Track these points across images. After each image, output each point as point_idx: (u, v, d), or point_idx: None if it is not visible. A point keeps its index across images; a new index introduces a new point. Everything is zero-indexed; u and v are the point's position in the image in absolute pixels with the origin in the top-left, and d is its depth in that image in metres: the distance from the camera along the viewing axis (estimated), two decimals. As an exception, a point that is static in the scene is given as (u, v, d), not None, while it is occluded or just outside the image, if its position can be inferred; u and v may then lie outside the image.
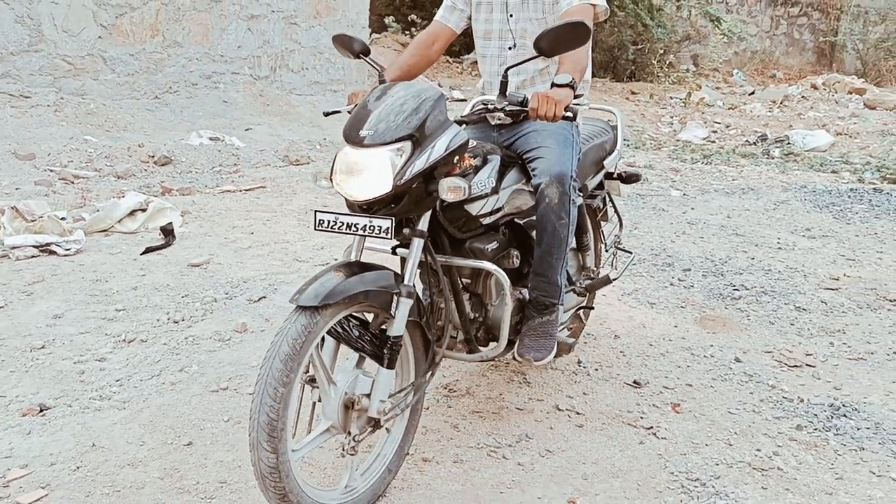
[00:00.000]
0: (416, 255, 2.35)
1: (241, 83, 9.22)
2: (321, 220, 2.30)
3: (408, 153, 2.23)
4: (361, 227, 2.24)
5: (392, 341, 2.30)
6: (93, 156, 6.75)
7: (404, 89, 2.36)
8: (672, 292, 4.50)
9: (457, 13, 3.05)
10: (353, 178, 2.25)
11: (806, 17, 18.34)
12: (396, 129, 2.23)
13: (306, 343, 2.11)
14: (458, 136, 2.37)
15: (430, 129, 2.28)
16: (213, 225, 5.28)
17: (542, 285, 2.80)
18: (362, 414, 2.31)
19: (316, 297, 2.12)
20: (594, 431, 3.00)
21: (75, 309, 3.82)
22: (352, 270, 2.25)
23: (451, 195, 2.30)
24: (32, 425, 2.77)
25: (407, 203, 2.28)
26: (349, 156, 2.26)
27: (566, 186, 2.71)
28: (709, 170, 8.17)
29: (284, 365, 2.07)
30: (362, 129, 2.25)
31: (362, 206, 2.30)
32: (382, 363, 2.31)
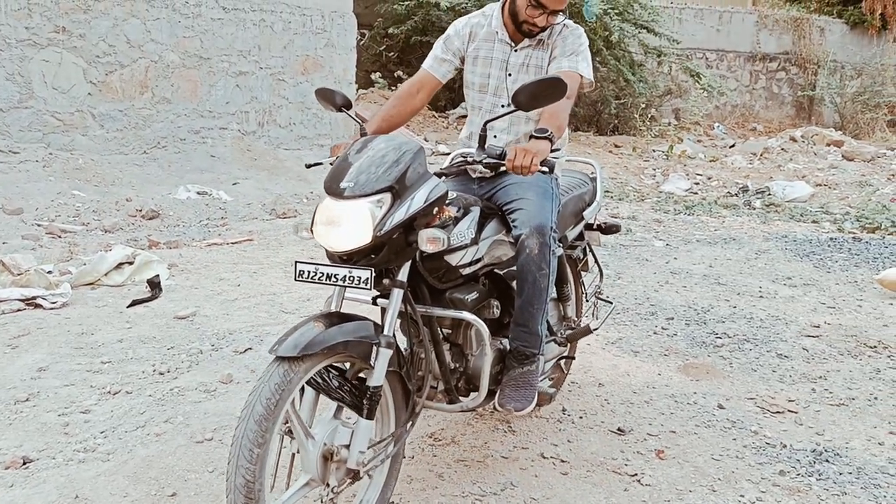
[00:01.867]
0: (395, 306, 2.38)
1: (228, 138, 9.34)
2: (301, 270, 2.32)
3: (388, 204, 2.27)
4: (341, 277, 2.27)
5: (371, 391, 2.30)
6: (80, 210, 6.80)
7: (385, 142, 2.41)
8: (655, 341, 4.54)
9: (446, 64, 3.11)
10: (334, 229, 2.28)
11: (784, 72, 18.75)
12: (376, 180, 2.27)
13: (282, 399, 2.09)
14: (438, 188, 2.42)
15: (409, 180, 2.32)
16: (200, 277, 5.31)
17: (522, 335, 2.82)
18: (341, 465, 2.30)
19: (295, 347, 2.13)
20: (579, 479, 3.01)
21: (60, 362, 3.82)
22: (331, 321, 2.27)
23: (430, 246, 2.34)
24: (15, 478, 2.76)
25: (387, 254, 2.31)
26: (329, 207, 2.30)
27: (546, 237, 2.76)
28: (691, 220, 8.28)
29: (259, 426, 2.05)
30: (343, 180, 2.29)
31: (342, 257, 2.33)
32: (362, 413, 2.31)
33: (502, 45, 3.06)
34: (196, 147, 9.05)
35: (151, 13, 8.71)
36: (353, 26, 10.68)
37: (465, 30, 3.12)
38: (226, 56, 9.38)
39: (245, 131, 9.60)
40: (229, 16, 9.38)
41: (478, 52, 3.09)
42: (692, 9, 17.05)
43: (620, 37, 13.28)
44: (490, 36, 3.08)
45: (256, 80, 9.70)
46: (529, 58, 3.05)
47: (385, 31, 14.14)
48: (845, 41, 18.97)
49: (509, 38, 3.05)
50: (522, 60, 3.05)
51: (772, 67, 18.62)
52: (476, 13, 3.17)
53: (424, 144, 9.65)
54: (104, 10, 8.38)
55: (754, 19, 18.20)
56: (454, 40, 3.11)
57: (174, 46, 8.94)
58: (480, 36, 3.09)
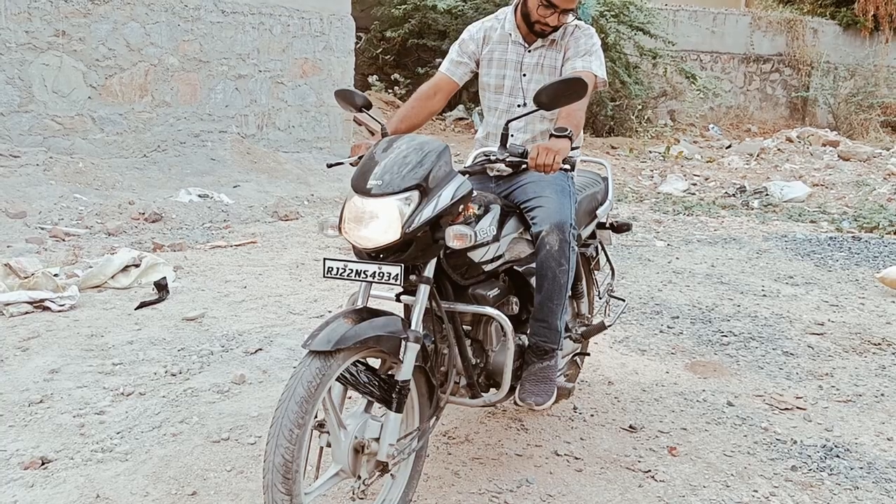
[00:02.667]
0: (422, 301, 2.41)
1: (228, 141, 9.34)
2: (330, 267, 2.37)
3: (416, 202, 2.30)
4: (371, 273, 2.31)
5: (400, 385, 2.34)
6: (83, 213, 6.80)
7: (409, 142, 2.45)
8: (662, 339, 4.57)
9: (462, 67, 3.16)
10: (363, 226, 2.32)
11: (778, 73, 18.85)
12: (404, 179, 2.31)
13: (321, 386, 2.16)
14: (463, 186, 2.46)
15: (436, 179, 2.36)
16: (206, 280, 5.32)
17: (542, 331, 2.86)
18: (371, 458, 2.34)
19: (328, 342, 2.17)
20: (593, 475, 3.03)
21: (72, 364, 3.82)
22: (360, 316, 2.31)
23: (457, 242, 2.38)
24: (35, 478, 2.77)
25: (414, 250, 2.36)
26: (358, 205, 2.34)
27: (566, 234, 2.80)
28: (691, 221, 8.33)
29: (300, 407, 2.11)
30: (370, 179, 2.33)
31: (371, 254, 2.37)
32: (391, 407, 2.34)
33: (516, 46, 3.11)
34: (196, 150, 9.06)
35: (151, 17, 8.71)
36: (351, 29, 10.70)
37: (480, 34, 3.17)
38: (225, 59, 9.38)
39: (245, 134, 9.61)
40: (228, 19, 9.38)
41: (492, 55, 3.13)
42: (686, 10, 17.14)
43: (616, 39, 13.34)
44: (504, 38, 3.13)
45: (255, 83, 9.70)
46: (543, 58, 3.09)
47: (381, 34, 14.18)
48: (838, 42, 19.09)
49: (523, 40, 3.10)
50: (536, 61, 3.09)
51: (766, 69, 18.72)
52: (490, 17, 3.22)
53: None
54: (104, 13, 8.38)
55: (748, 21, 18.30)
56: (469, 44, 3.16)
57: (174, 50, 8.94)
58: (494, 39, 3.14)
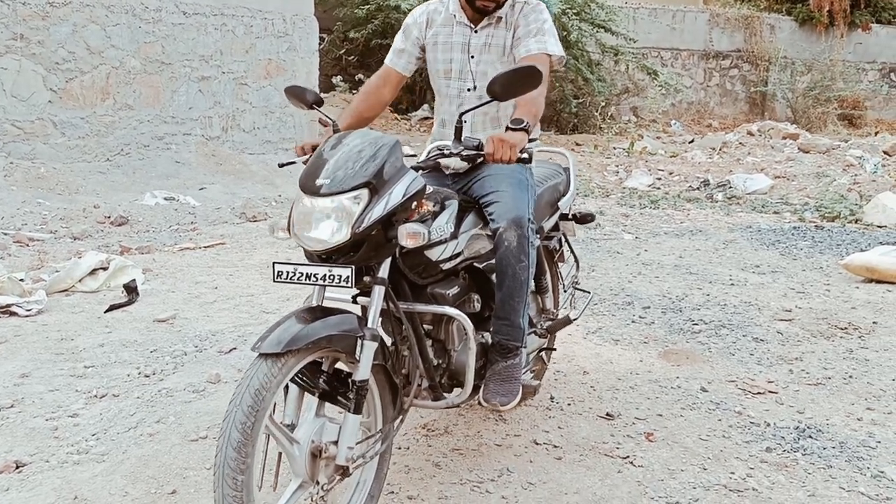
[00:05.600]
0: (377, 303, 2.32)
1: (192, 143, 9.25)
2: (280, 271, 2.26)
3: (365, 200, 2.21)
4: (321, 276, 2.21)
5: (358, 385, 2.23)
6: (47, 218, 6.69)
7: (360, 137, 2.36)
8: (634, 329, 4.62)
9: (405, 56, 3.08)
10: (311, 227, 2.22)
11: (737, 69, 19.14)
12: (353, 176, 2.21)
13: (269, 394, 2.04)
14: (416, 182, 2.37)
15: (387, 175, 2.26)
16: (176, 281, 5.26)
17: (504, 329, 2.80)
18: (330, 462, 2.24)
19: (279, 343, 2.06)
20: (573, 463, 3.05)
21: (42, 367, 3.76)
22: (314, 315, 2.20)
23: (410, 241, 2.28)
24: (10, 482, 2.72)
25: (366, 251, 2.25)
26: (306, 205, 2.23)
27: (524, 229, 2.73)
28: (657, 214, 8.42)
29: (247, 417, 1.99)
30: (319, 177, 2.22)
31: (321, 256, 2.27)
32: (349, 409, 2.24)
33: (461, 27, 3.01)
34: (160, 153, 8.96)
35: (111, 19, 8.60)
36: (314, 29, 10.66)
37: (423, 17, 3.08)
38: (188, 61, 9.29)
39: (209, 136, 9.52)
40: (190, 20, 9.30)
41: (437, 38, 3.04)
42: (646, 8, 17.31)
43: (578, 36, 13.45)
44: (448, 20, 3.03)
45: (219, 84, 9.63)
46: (491, 37, 2.99)
47: (345, 34, 14.12)
48: (795, 38, 19.43)
49: (468, 21, 3.00)
50: (484, 41, 2.99)
51: (725, 65, 19.00)
52: (433, 0, 3.12)
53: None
54: (63, 16, 8.25)
55: (706, 18, 18.56)
56: (412, 29, 3.07)
57: (135, 52, 8.83)
58: (438, 22, 3.04)
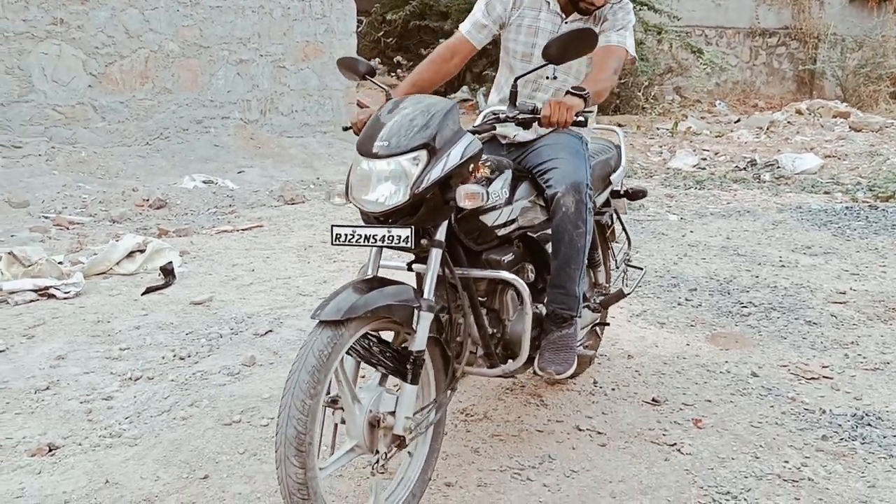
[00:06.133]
0: (434, 267, 2.31)
1: (231, 127, 9.22)
2: (339, 233, 2.27)
3: (424, 161, 2.22)
4: (380, 237, 2.22)
5: (415, 356, 2.24)
6: (87, 201, 6.71)
7: (416, 101, 2.36)
8: (681, 312, 4.46)
9: (485, 31, 2.97)
10: (370, 190, 2.24)
11: (784, 47, 18.61)
12: (412, 138, 2.22)
13: (332, 356, 2.06)
14: (473, 145, 2.36)
15: (444, 138, 2.27)
16: (213, 264, 5.22)
17: (560, 297, 2.75)
18: (388, 432, 2.25)
19: (338, 311, 2.08)
20: (617, 450, 2.94)
21: (78, 350, 3.74)
22: (370, 286, 2.22)
23: (468, 202, 2.30)
24: (43, 465, 2.69)
25: (424, 212, 2.26)
26: (364, 168, 2.26)
27: (583, 194, 2.69)
28: (703, 194, 8.19)
29: (311, 377, 2.01)
30: (376, 140, 2.25)
31: (379, 218, 2.28)
32: (406, 379, 2.24)
33: (552, 15, 2.92)
34: (199, 137, 8.95)
35: (149, 2, 8.57)
36: (352, 11, 10.54)
37: None
38: (226, 44, 9.25)
39: (247, 120, 9.49)
40: (227, 3, 9.24)
41: (522, 20, 2.94)
42: (690, -15, 16.88)
43: (621, 15, 13.14)
44: (536, 4, 2.93)
45: (257, 67, 9.57)
46: None
47: (383, 16, 14.01)
48: (845, 14, 18.81)
49: (560, 9, 2.92)
50: None
51: (771, 43, 18.47)
52: None
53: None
54: (102, 0, 8.25)
55: (753, -6, 18.05)
56: (496, 6, 2.95)
57: (173, 36, 8.81)
58: (525, 4, 2.94)
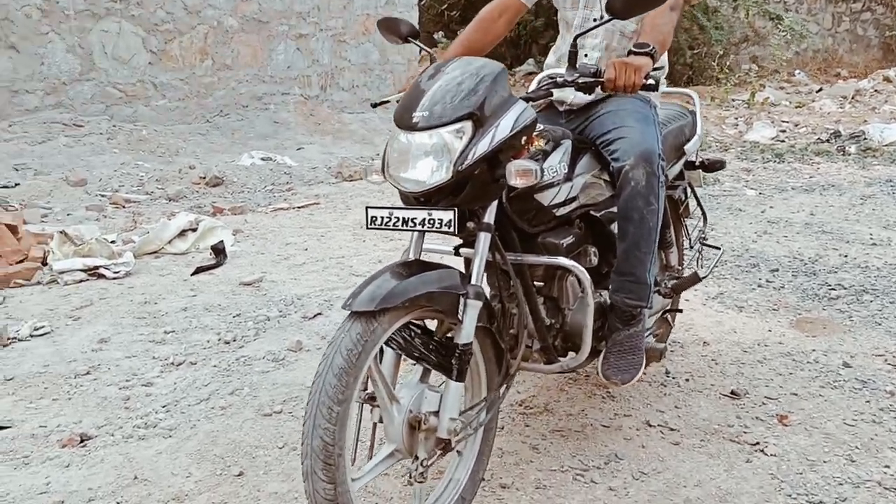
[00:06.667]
0: (482, 252, 2.04)
1: (291, 103, 9.09)
2: (374, 216, 2.02)
3: (469, 134, 1.95)
4: (420, 221, 1.96)
5: (461, 350, 1.99)
6: (144, 179, 6.64)
7: (461, 65, 2.08)
8: (761, 294, 4.11)
9: None
10: (408, 166, 1.99)
11: (869, 13, 17.60)
12: (455, 107, 1.95)
13: (363, 354, 1.82)
14: (526, 114, 2.07)
15: (492, 106, 1.99)
16: (266, 243, 5.06)
17: (627, 285, 2.45)
18: (430, 435, 2.00)
19: (372, 300, 1.83)
20: (692, 449, 2.65)
21: (122, 333, 3.61)
22: (411, 271, 1.96)
23: (520, 180, 2.00)
24: (72, 457, 2.54)
25: (470, 192, 1.99)
26: (402, 142, 2.00)
27: (654, 166, 2.38)
28: (782, 168, 7.71)
29: (339, 380, 1.78)
30: (416, 110, 1.99)
31: (419, 199, 2.03)
32: (451, 375, 1.99)
33: None
34: (259, 113, 8.84)
35: (208, -23, 8.48)
36: (413, -18, 10.31)
37: None
38: (285, 19, 9.11)
39: (308, 95, 9.35)
40: (287, -23, 9.09)
41: None
42: (768, -51, 16.07)
43: (695, -20, 12.59)
44: None
45: (317, 42, 9.41)
46: None
47: (446, -12, 13.70)
48: (936, -24, 17.69)
49: None
50: None
51: (856, 8, 17.48)
52: None
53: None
54: (160, -24, 8.17)
55: (836, -43, 17.11)
56: None
57: (232, 11, 8.70)
58: None
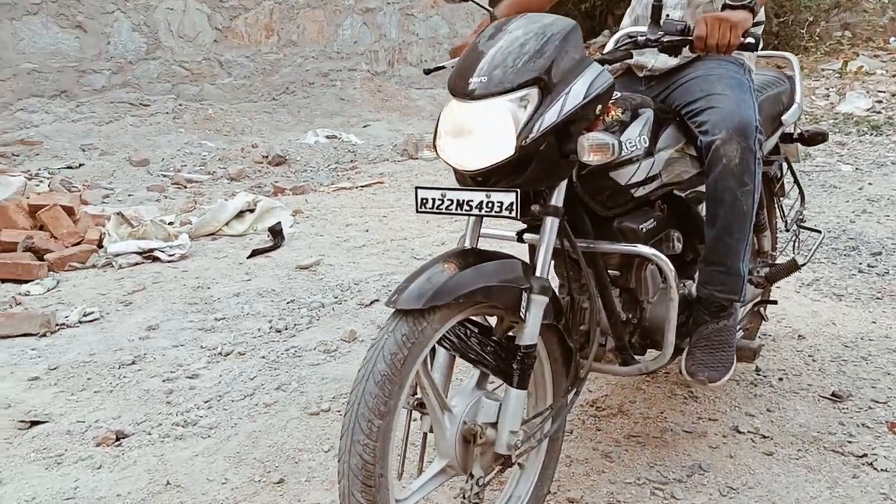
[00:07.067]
0: (549, 240, 1.77)
1: (358, 79, 8.91)
2: (424, 198, 1.77)
3: (535, 102, 1.68)
4: (476, 204, 1.70)
5: (523, 352, 1.73)
6: (206, 159, 6.54)
7: (525, 24, 1.79)
8: (862, 281, 3.71)
9: None
10: (464, 141, 1.73)
11: (973, -26, 16.44)
12: (518, 72, 1.69)
13: (409, 358, 1.58)
14: (601, 78, 1.78)
15: (562, 70, 1.71)
16: (326, 224, 4.87)
17: (717, 277, 2.14)
18: (487, 449, 1.75)
19: (420, 297, 1.58)
20: (788, 461, 2.32)
21: (172, 319, 3.46)
22: (466, 261, 1.70)
23: (595, 156, 1.72)
24: (105, 458, 2.37)
25: (536, 170, 1.72)
26: (457, 112, 1.74)
27: (750, 141, 2.05)
28: (880, 141, 7.15)
29: (381, 389, 1.55)
30: (473, 76, 1.72)
31: (476, 178, 1.77)
32: (511, 382, 1.74)
33: None
34: (325, 90, 8.68)
35: (273, -48, 8.32)
36: (484, -48, 9.96)
37: None
38: (351, -7, 8.90)
39: (375, 71, 9.15)
40: (353, -51, 8.87)
41: None
42: None
43: (782, -57, 11.88)
44: None
45: (384, 16, 9.18)
46: None
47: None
48: None
49: None
50: None
51: (957, -30, 16.35)
52: None
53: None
54: (225, -49, 8.05)
55: (938, -86, 15.96)
56: None
57: (298, -14, 8.53)
58: None
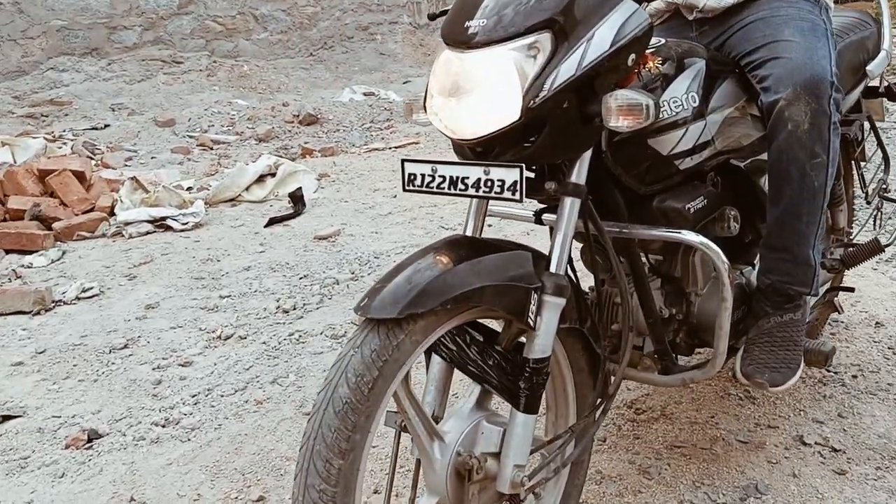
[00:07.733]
0: (567, 227, 1.41)
1: (399, 33, 8.54)
2: (412, 173, 1.42)
3: (548, 51, 1.33)
4: (472, 182, 1.35)
5: (532, 368, 1.38)
6: (236, 119, 6.27)
7: None
8: (951, 256, 3.26)
9: None
10: (459, 101, 1.37)
11: None
12: (527, 13, 1.34)
13: (380, 381, 1.23)
14: (636, 19, 1.39)
15: (583, 8, 1.35)
16: (353, 188, 4.56)
17: (782, 265, 1.75)
18: (488, 485, 1.42)
19: (395, 302, 1.23)
20: (865, 481, 1.95)
21: (174, 296, 3.20)
22: (459, 254, 1.34)
23: (624, 120, 1.36)
24: (70, 464, 2.11)
25: (549, 138, 1.37)
26: (452, 64, 1.39)
27: (824, 100, 1.65)
28: (968, 94, 6.51)
29: (342, 421, 1.21)
30: (472, 19, 1.37)
31: (475, 148, 1.40)
32: (518, 404, 1.39)
33: None
34: (364, 45, 8.33)
35: None
36: None
37: None
38: (393, -60, 8.49)
39: (417, 24, 8.75)
40: None
41: None
42: None
43: None
44: None
45: (427, -36, 8.75)
46: None
47: None
48: None
49: None
50: None
51: None
52: None
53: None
54: None
55: None
56: None
57: (336, -66, 8.15)
58: None
